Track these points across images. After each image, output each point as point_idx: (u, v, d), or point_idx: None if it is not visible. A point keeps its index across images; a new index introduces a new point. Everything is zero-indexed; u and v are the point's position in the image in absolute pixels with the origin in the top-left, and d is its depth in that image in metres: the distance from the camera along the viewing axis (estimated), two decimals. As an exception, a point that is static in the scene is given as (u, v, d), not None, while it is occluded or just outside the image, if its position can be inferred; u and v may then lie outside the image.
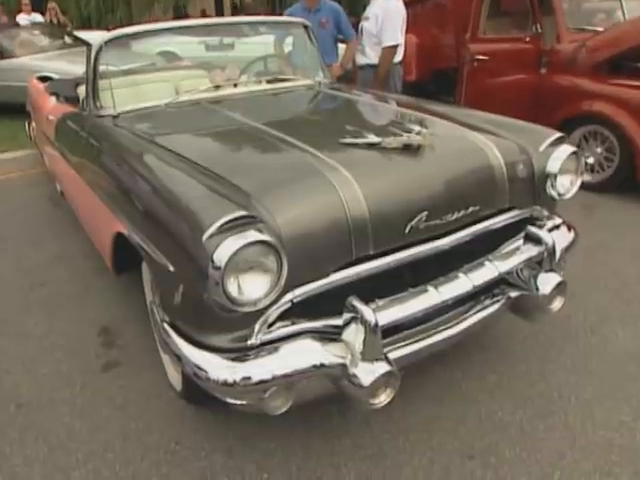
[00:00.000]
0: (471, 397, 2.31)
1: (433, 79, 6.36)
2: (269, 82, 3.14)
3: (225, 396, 1.69)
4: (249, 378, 1.57)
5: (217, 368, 1.60)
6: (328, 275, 1.69)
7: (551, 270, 2.17)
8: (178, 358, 1.72)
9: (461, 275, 1.95)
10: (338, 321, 1.73)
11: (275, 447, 2.04)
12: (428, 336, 1.94)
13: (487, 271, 2.00)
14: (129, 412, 2.23)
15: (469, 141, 2.13)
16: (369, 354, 1.64)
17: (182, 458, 2.01)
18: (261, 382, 1.57)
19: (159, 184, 1.86)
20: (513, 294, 2.18)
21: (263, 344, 1.63)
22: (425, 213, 1.83)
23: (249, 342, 1.61)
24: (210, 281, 1.47)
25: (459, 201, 1.93)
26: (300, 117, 2.83)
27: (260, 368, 1.58)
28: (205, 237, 1.48)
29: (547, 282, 2.13)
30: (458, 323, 2.03)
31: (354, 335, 1.68)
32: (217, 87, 2.95)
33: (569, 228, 2.45)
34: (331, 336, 1.72)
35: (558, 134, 2.34)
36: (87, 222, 3.02)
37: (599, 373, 2.46)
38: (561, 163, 2.23)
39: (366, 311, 1.64)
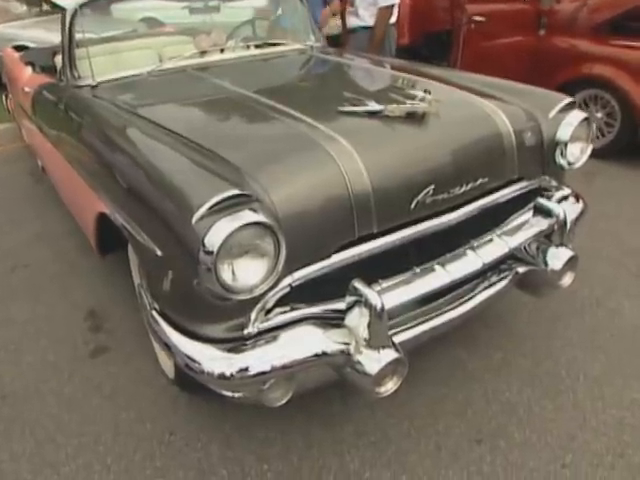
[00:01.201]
0: (477, 377, 2.22)
1: (426, 43, 6.14)
2: (258, 47, 2.95)
3: (221, 389, 1.58)
4: (246, 370, 1.45)
5: (212, 360, 1.48)
6: (329, 256, 1.56)
7: (562, 244, 2.05)
8: (169, 348, 1.60)
9: (469, 252, 1.83)
10: (340, 305, 1.61)
11: (275, 436, 1.95)
12: (433, 317, 1.83)
13: (496, 247, 1.89)
14: (120, 401, 2.12)
15: (476, 107, 1.99)
16: (375, 340, 1.52)
17: (177, 449, 1.91)
18: (259, 374, 1.46)
19: (143, 160, 1.70)
20: (521, 269, 2.07)
21: (260, 333, 1.51)
22: (432, 187, 1.70)
23: (245, 331, 1.49)
24: (201, 267, 1.34)
25: (467, 173, 1.80)
26: (293, 84, 2.66)
27: (258, 359, 1.47)
28: (195, 219, 1.34)
29: (558, 257, 2.02)
30: (464, 302, 1.92)
31: (358, 320, 1.56)
32: (203, 53, 2.76)
33: (577, 198, 2.33)
34: (333, 321, 1.60)
35: (568, 99, 2.20)
36: (69, 201, 2.86)
37: (607, 348, 2.38)
38: (572, 130, 2.09)
39: (371, 294, 1.51)
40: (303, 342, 1.52)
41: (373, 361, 1.52)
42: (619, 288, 2.81)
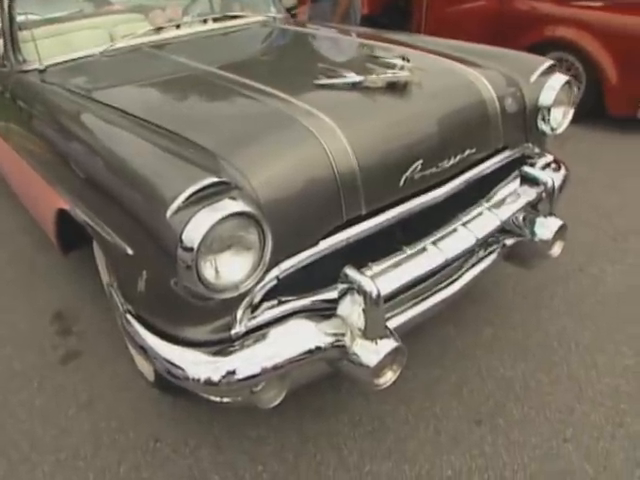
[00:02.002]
0: (469, 354, 2.16)
1: (385, 12, 6.00)
2: (217, 21, 2.75)
3: (209, 395, 1.46)
4: (235, 374, 1.33)
5: (196, 365, 1.36)
6: (317, 243, 1.45)
7: (551, 213, 1.99)
8: (147, 353, 1.46)
9: (460, 228, 1.75)
10: (331, 294, 1.50)
11: (267, 434, 1.85)
12: (425, 299, 1.75)
13: (488, 221, 1.81)
14: (97, 409, 1.97)
15: (457, 75, 1.89)
16: (372, 330, 1.43)
17: (164, 457, 1.79)
18: (250, 377, 1.34)
19: (103, 148, 1.54)
20: (509, 242, 2.01)
21: (248, 332, 1.39)
22: (420, 162, 1.59)
23: (233, 332, 1.37)
24: (180, 265, 1.21)
25: (455, 144, 1.70)
26: (259, 58, 2.49)
27: (247, 361, 1.35)
28: (170, 213, 1.20)
29: (547, 226, 1.97)
30: (455, 280, 1.84)
31: (351, 309, 1.46)
32: (158, 30, 2.55)
33: (559, 165, 2.27)
34: (325, 313, 1.50)
35: (549, 62, 2.12)
36: (24, 196, 2.65)
37: (595, 316, 2.35)
38: (556, 94, 2.01)
39: (364, 281, 1.41)
40: (295, 338, 1.41)
41: (371, 352, 1.42)
42: (599, 253, 2.79)
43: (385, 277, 1.53)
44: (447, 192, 1.71)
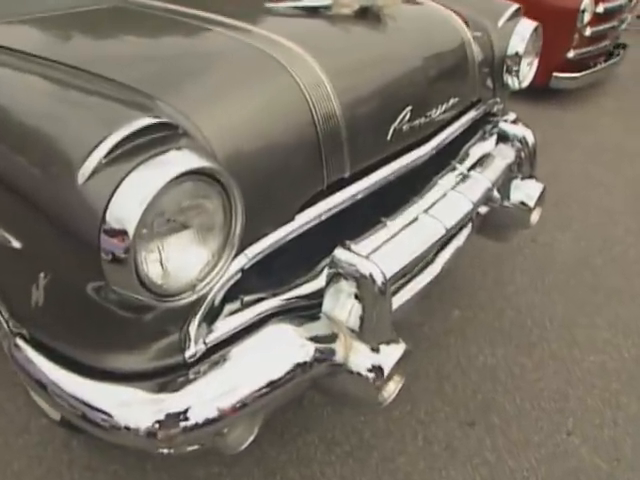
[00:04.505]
0: (442, 342, 1.87)
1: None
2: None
3: (152, 449, 1.01)
4: (186, 419, 0.89)
5: (129, 407, 0.90)
6: (293, 217, 1.05)
7: (531, 175, 1.74)
8: (47, 391, 0.98)
9: (451, 193, 1.42)
10: (313, 285, 1.11)
11: (219, 471, 1.42)
12: (409, 282, 1.41)
13: (479, 183, 1.50)
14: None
15: (431, 9, 1.56)
16: (375, 330, 1.06)
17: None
18: (208, 423, 0.91)
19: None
20: (482, 210, 1.72)
21: (207, 352, 0.96)
22: (409, 108, 1.24)
23: (187, 354, 0.93)
24: (104, 260, 0.76)
25: (441, 90, 1.38)
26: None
27: (201, 398, 0.91)
28: (82, 176, 0.74)
29: (528, 191, 1.71)
30: (435, 258, 1.52)
31: (343, 304, 1.08)
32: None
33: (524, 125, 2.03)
34: (304, 312, 1.10)
35: (515, 5, 1.86)
36: None
37: (560, 287, 2.18)
38: (526, 42, 1.76)
39: (364, 264, 1.04)
40: (272, 354, 1.00)
41: (375, 360, 1.06)
42: (546, 221, 2.62)
43: (379, 258, 1.16)
44: (435, 147, 1.38)
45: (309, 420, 1.57)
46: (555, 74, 4.07)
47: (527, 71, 1.89)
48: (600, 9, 4.16)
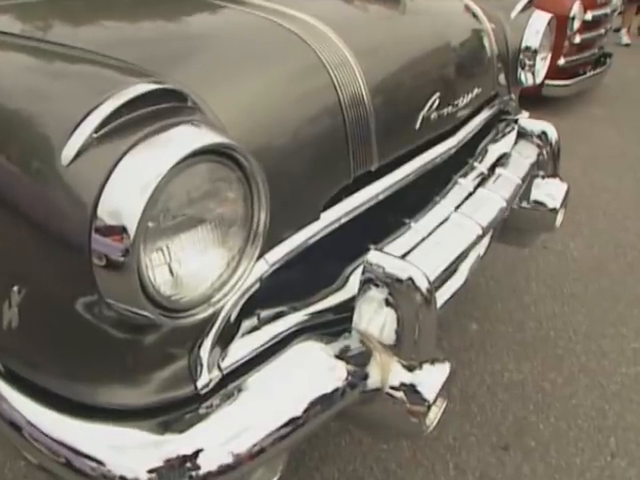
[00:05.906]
0: (463, 359, 1.72)
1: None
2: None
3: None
4: (195, 467, 0.71)
5: (123, 455, 0.72)
6: (318, 216, 0.89)
7: (555, 174, 1.62)
8: (22, 434, 0.79)
9: (480, 190, 1.28)
10: (337, 298, 0.95)
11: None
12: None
13: (510, 183, 1.36)
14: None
15: (451, -3, 1.43)
16: (418, 346, 0.90)
17: None
18: (222, 471, 0.72)
19: None
20: (502, 213, 1.59)
21: (222, 381, 0.78)
22: (437, 95, 1.10)
23: (199, 383, 0.75)
24: (96, 265, 0.59)
25: (466, 78, 1.25)
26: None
27: (214, 441, 0.73)
28: (66, 157, 0.58)
29: (552, 191, 1.58)
30: (458, 266, 1.36)
31: (378, 315, 0.91)
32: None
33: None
34: (328, 329, 0.93)
35: (527, -4, 1.75)
36: None
37: (578, 296, 2.05)
38: (541, 35, 1.65)
39: (406, 269, 0.88)
40: (297, 383, 0.83)
41: (418, 382, 0.89)
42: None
43: (417, 261, 1.00)
44: (460, 141, 1.24)
45: (326, 450, 1.39)
46: (547, 82, 4.01)
47: (541, 66, 1.78)
48: (588, 16, 4.14)
